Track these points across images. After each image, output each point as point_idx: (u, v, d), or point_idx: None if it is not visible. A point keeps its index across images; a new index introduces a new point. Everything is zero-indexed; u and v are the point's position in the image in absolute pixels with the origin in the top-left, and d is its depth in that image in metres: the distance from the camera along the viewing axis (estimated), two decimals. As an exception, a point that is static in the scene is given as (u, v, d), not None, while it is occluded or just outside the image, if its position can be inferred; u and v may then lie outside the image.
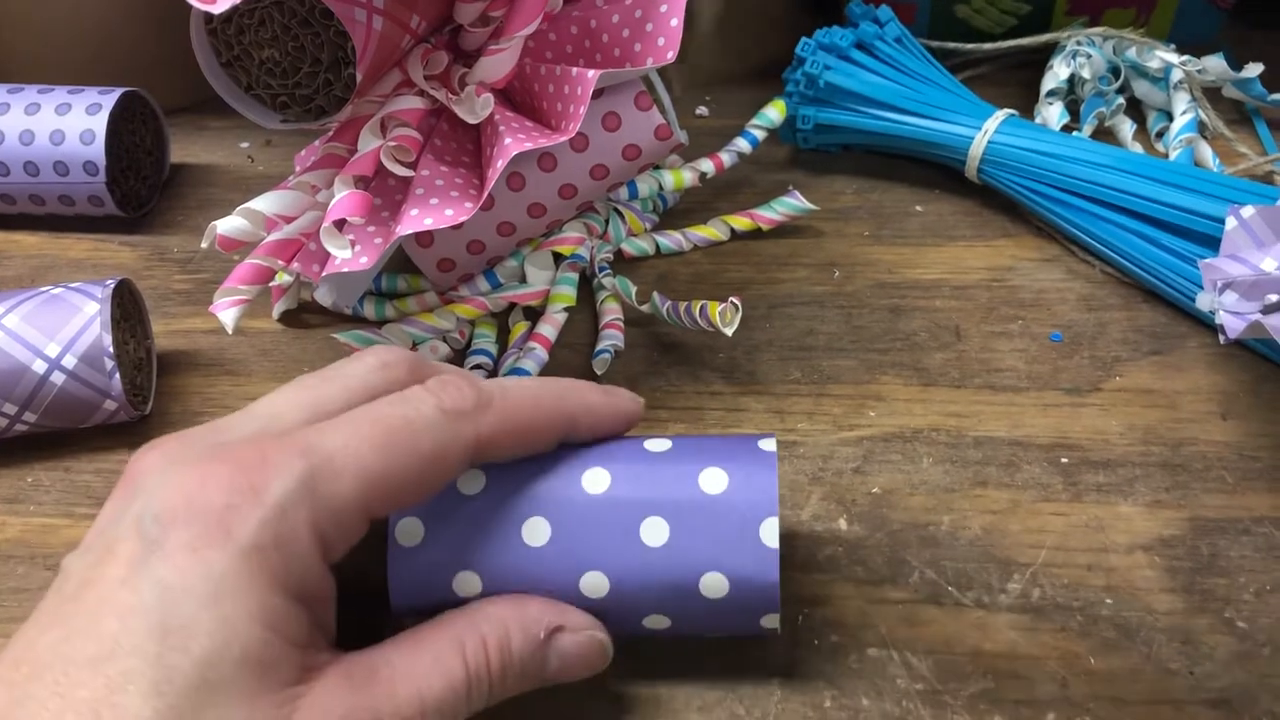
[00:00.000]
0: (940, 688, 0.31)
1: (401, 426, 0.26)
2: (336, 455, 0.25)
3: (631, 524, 0.28)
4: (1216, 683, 0.31)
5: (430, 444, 0.26)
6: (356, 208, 0.35)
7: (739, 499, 0.28)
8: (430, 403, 0.26)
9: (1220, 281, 0.35)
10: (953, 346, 0.41)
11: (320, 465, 0.24)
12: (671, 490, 0.28)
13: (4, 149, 0.45)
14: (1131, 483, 0.36)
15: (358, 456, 0.25)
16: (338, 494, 0.24)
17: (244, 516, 0.23)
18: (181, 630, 0.22)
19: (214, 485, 0.24)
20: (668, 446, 0.29)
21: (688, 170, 0.45)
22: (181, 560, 0.23)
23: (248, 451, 0.24)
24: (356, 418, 0.26)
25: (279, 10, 0.35)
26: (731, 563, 0.28)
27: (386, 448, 0.25)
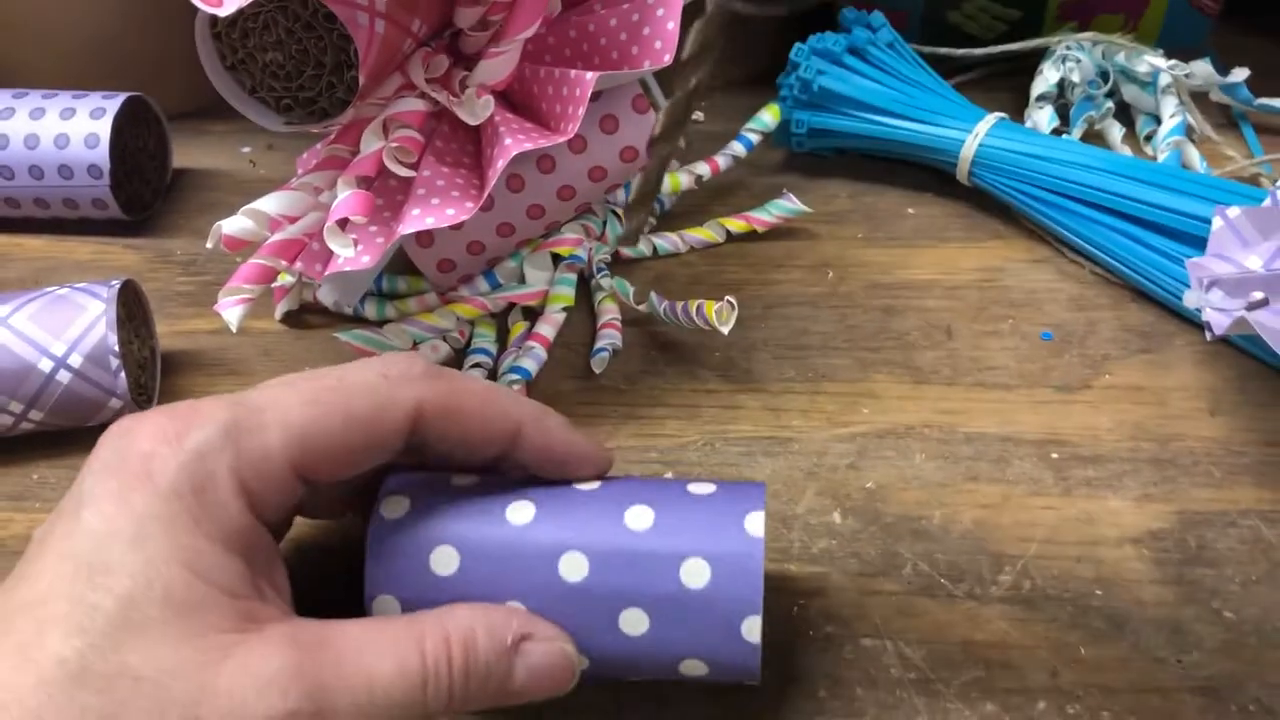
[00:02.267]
0: (933, 677, 0.31)
1: (334, 385, 0.26)
2: (265, 408, 0.25)
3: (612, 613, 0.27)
4: (1204, 671, 0.31)
5: (365, 405, 0.26)
6: (359, 207, 0.35)
7: (722, 596, 0.27)
8: (373, 367, 0.27)
9: (1206, 280, 0.36)
10: (945, 345, 0.41)
11: (245, 416, 0.25)
12: (652, 584, 0.27)
13: (9, 153, 0.45)
14: (1121, 477, 0.36)
15: (285, 410, 0.25)
16: (261, 444, 0.25)
17: (164, 461, 0.24)
18: (106, 571, 0.22)
19: (142, 434, 0.24)
20: (650, 524, 0.27)
21: (684, 173, 0.46)
22: (108, 506, 0.23)
23: (182, 406, 0.25)
24: (295, 378, 0.26)
25: (283, 14, 0.35)
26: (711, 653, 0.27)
27: (316, 404, 0.25)
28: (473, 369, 0.40)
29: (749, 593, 0.27)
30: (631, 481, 0.29)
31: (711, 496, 0.28)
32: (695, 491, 0.28)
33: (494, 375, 0.40)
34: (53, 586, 0.22)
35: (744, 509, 0.28)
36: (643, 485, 0.29)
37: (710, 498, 0.28)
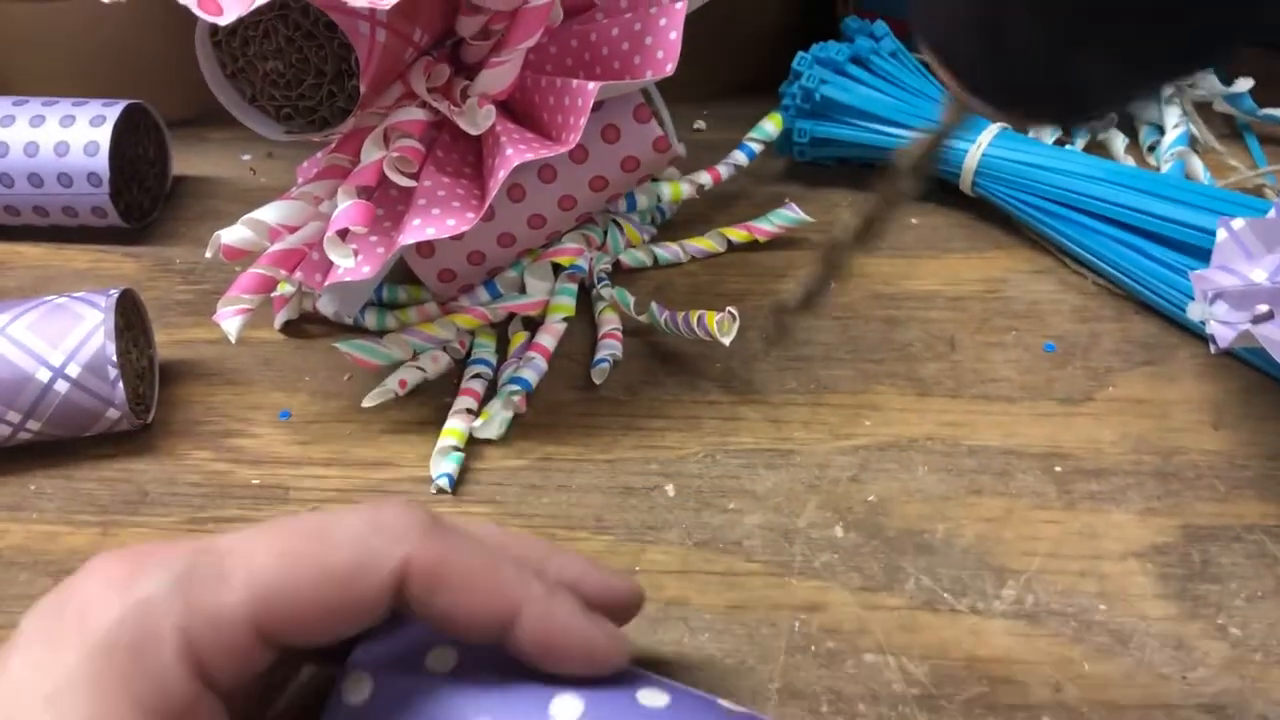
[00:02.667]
0: (936, 693, 0.31)
1: (313, 534, 0.22)
2: (227, 557, 0.21)
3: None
4: (1209, 688, 0.31)
5: (344, 561, 0.22)
6: (360, 217, 0.35)
7: None
8: (363, 516, 0.23)
9: (1211, 292, 0.35)
10: (947, 357, 0.41)
11: (204, 565, 0.21)
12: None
13: (8, 160, 0.45)
14: (1124, 491, 0.36)
15: (251, 561, 0.21)
16: (219, 601, 0.21)
17: (103, 610, 0.20)
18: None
19: (93, 577, 0.21)
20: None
21: (685, 182, 0.46)
22: (33, 654, 0.20)
23: (147, 546, 0.22)
24: (273, 524, 0.22)
25: (283, 23, 0.35)
26: None
27: (289, 555, 0.21)
28: (473, 379, 0.40)
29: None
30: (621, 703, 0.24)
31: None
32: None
33: (494, 385, 0.40)
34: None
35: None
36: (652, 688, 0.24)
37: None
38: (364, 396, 0.39)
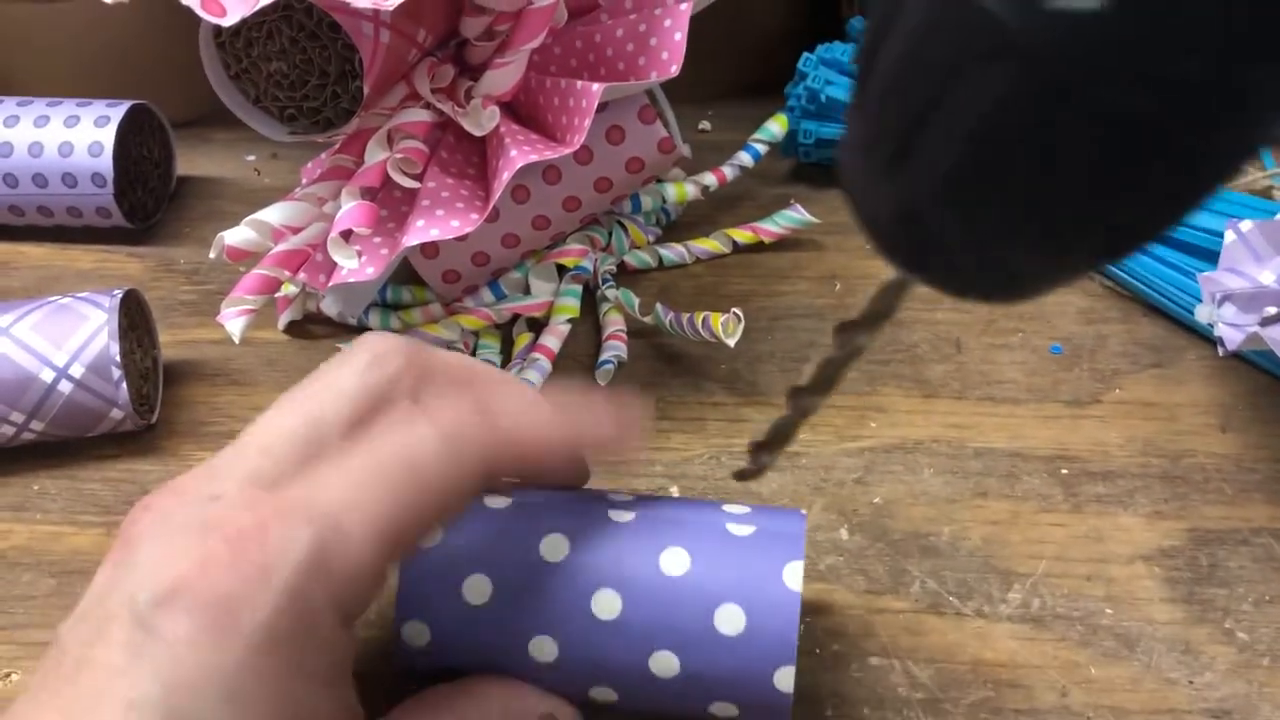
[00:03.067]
0: (941, 696, 0.31)
1: (405, 469, 0.23)
2: (344, 518, 0.22)
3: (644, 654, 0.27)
4: (1216, 693, 0.31)
5: (439, 480, 0.24)
6: (363, 219, 0.35)
7: (756, 645, 0.27)
8: (432, 433, 0.24)
9: (1219, 294, 0.35)
10: (953, 358, 0.41)
11: (328, 533, 0.22)
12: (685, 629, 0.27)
13: (13, 161, 0.45)
14: (1131, 494, 0.36)
15: (366, 514, 0.23)
16: (352, 561, 0.22)
17: (255, 604, 0.21)
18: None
19: (215, 567, 0.21)
20: (686, 569, 0.27)
21: (690, 183, 0.46)
22: (185, 653, 0.20)
23: (242, 517, 0.22)
24: (355, 466, 0.23)
25: (287, 24, 0.35)
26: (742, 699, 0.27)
27: (395, 496, 0.23)
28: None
29: (784, 645, 0.26)
30: (667, 512, 0.29)
31: (750, 539, 0.28)
32: (734, 531, 0.28)
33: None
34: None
35: (783, 558, 0.27)
36: (679, 521, 0.28)
37: (749, 540, 0.28)
38: (368, 398, 0.39)
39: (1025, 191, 0.15)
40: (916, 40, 0.15)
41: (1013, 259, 0.17)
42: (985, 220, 0.16)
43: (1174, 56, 0.13)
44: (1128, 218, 0.16)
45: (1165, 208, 0.16)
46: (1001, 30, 0.14)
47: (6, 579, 0.35)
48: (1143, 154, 0.14)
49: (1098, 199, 0.15)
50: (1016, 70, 0.14)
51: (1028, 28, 0.13)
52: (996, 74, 0.14)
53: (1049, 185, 0.15)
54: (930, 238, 0.17)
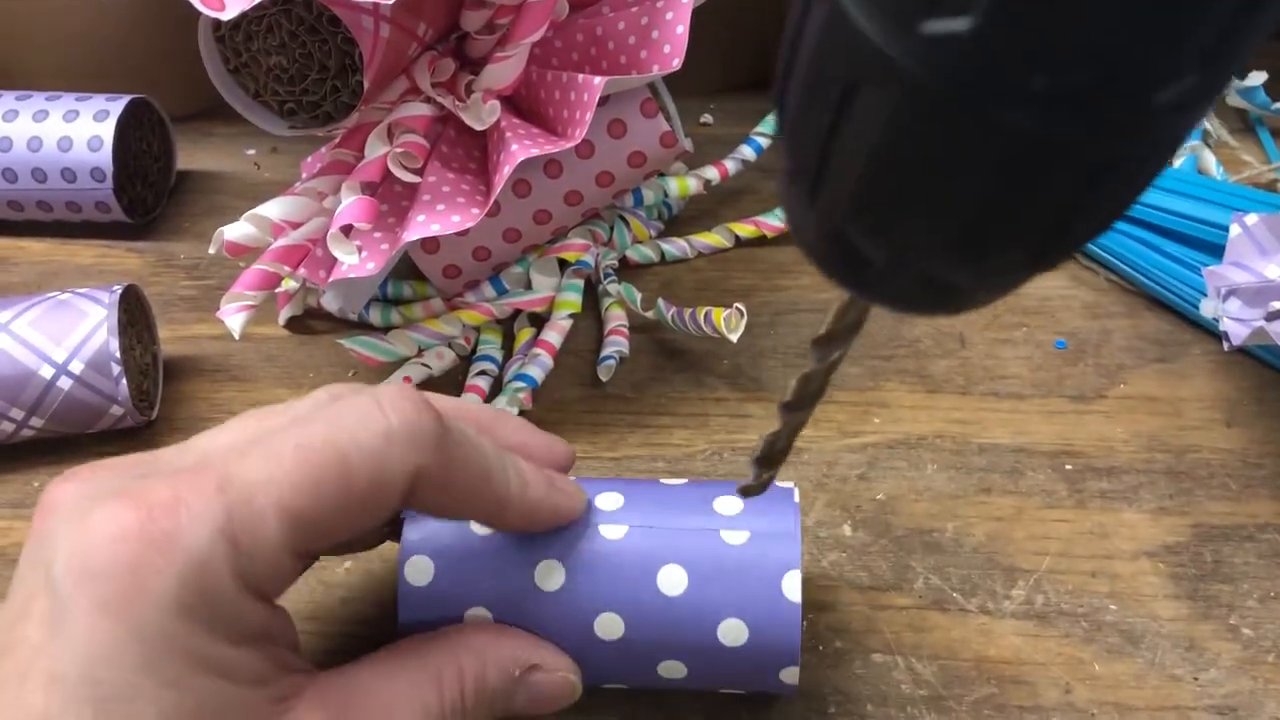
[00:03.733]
0: (944, 693, 0.31)
1: (333, 458, 0.23)
2: (257, 493, 0.22)
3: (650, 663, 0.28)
4: (1221, 689, 0.31)
5: (366, 477, 0.23)
6: (363, 214, 0.35)
7: (759, 653, 0.27)
8: (376, 423, 0.23)
9: (1224, 289, 0.35)
10: (957, 353, 0.41)
11: (238, 506, 0.22)
12: (688, 644, 0.27)
13: (12, 155, 0.45)
14: (1136, 489, 0.36)
15: (280, 494, 0.22)
16: (260, 538, 0.22)
17: (160, 571, 0.21)
18: (119, 699, 0.20)
19: (123, 535, 0.21)
20: (684, 589, 0.27)
21: (692, 177, 0.45)
22: (100, 622, 0.20)
23: (160, 491, 0.22)
24: (282, 440, 0.23)
25: (287, 17, 0.35)
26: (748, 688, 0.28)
27: (314, 483, 0.23)
28: (478, 375, 0.40)
29: (788, 652, 0.27)
30: (658, 520, 0.28)
31: (746, 547, 0.28)
32: (728, 540, 0.28)
33: (499, 382, 0.40)
34: (50, 716, 0.20)
35: (780, 567, 0.27)
36: (672, 533, 0.28)
37: (744, 549, 0.28)
38: (368, 393, 0.39)
39: (929, 209, 0.16)
40: (813, 68, 0.16)
41: (939, 274, 0.17)
42: (900, 239, 0.16)
43: (1046, 70, 0.13)
44: (1039, 228, 0.16)
45: (1080, 217, 0.16)
46: (882, 55, 0.14)
47: (6, 576, 0.35)
48: (1034, 166, 0.14)
49: (1001, 212, 0.15)
50: (900, 94, 0.14)
51: (906, 53, 0.14)
52: (884, 98, 0.14)
53: (950, 202, 0.15)
54: (859, 258, 0.17)
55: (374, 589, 0.34)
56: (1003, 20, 0.13)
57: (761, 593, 0.27)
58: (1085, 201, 0.15)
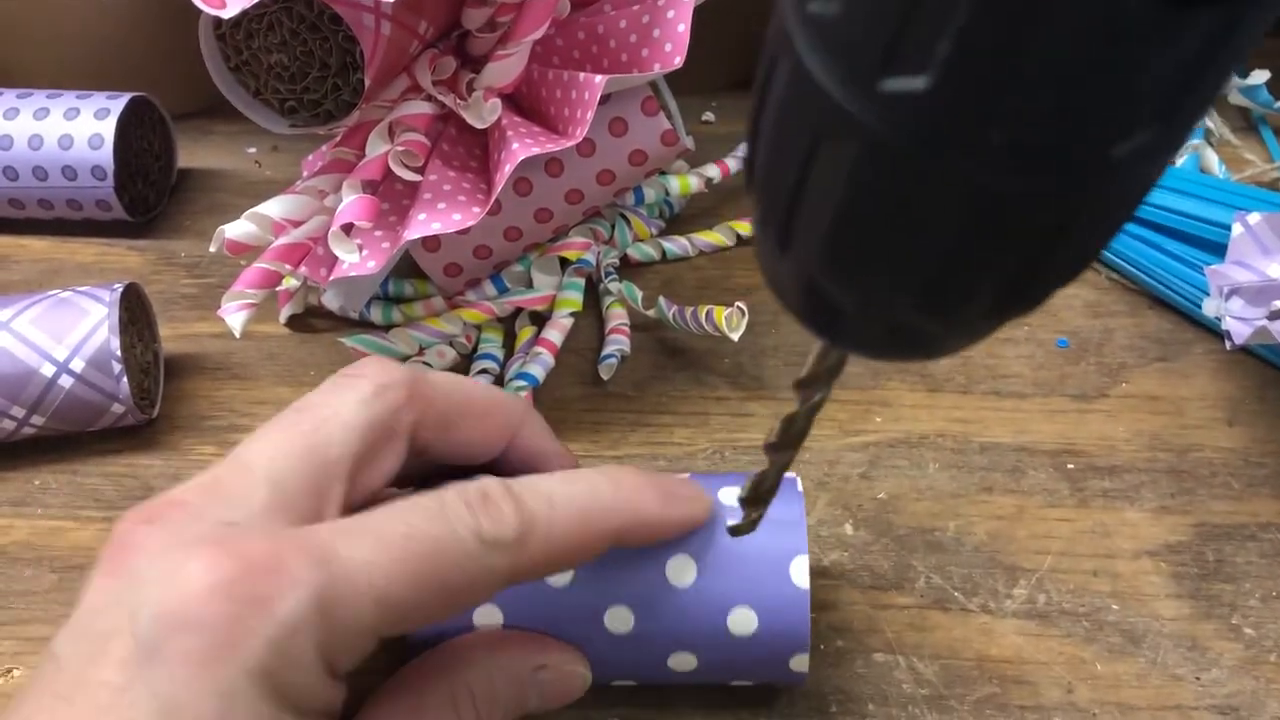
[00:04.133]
0: (946, 693, 0.31)
1: (432, 554, 0.23)
2: (357, 575, 0.22)
3: (661, 656, 0.28)
4: (1223, 689, 0.31)
5: (461, 578, 0.23)
6: (364, 212, 0.35)
7: (769, 641, 0.27)
8: (469, 527, 0.24)
9: (1226, 288, 0.35)
10: (959, 353, 0.41)
11: (338, 585, 0.22)
12: (698, 633, 0.28)
13: (13, 154, 0.45)
14: (1138, 489, 0.36)
15: (380, 582, 0.22)
16: (352, 619, 0.22)
17: (252, 632, 0.21)
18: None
19: (221, 591, 0.21)
20: (692, 579, 0.27)
21: (694, 176, 0.45)
22: (183, 674, 0.20)
23: (260, 547, 0.22)
24: (385, 529, 0.23)
25: (287, 15, 0.35)
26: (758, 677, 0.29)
27: (414, 576, 0.23)
28: (479, 374, 0.40)
29: (798, 639, 0.27)
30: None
31: (752, 536, 0.28)
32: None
33: (500, 381, 0.40)
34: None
35: (788, 553, 0.27)
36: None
37: (751, 538, 0.28)
38: (369, 392, 0.39)
39: (894, 261, 0.16)
40: (778, 124, 0.16)
41: (908, 323, 0.17)
42: (868, 290, 0.17)
43: (1003, 127, 0.13)
44: (1004, 280, 0.16)
45: (1045, 267, 0.16)
46: (842, 112, 0.14)
47: (7, 574, 0.35)
48: (996, 220, 0.15)
49: (965, 265, 0.16)
50: (861, 149, 0.15)
51: (865, 110, 0.14)
52: (845, 153, 0.15)
53: (914, 255, 0.16)
54: (830, 308, 0.18)
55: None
56: (958, 79, 0.13)
57: (770, 580, 0.27)
58: (1049, 252, 0.16)
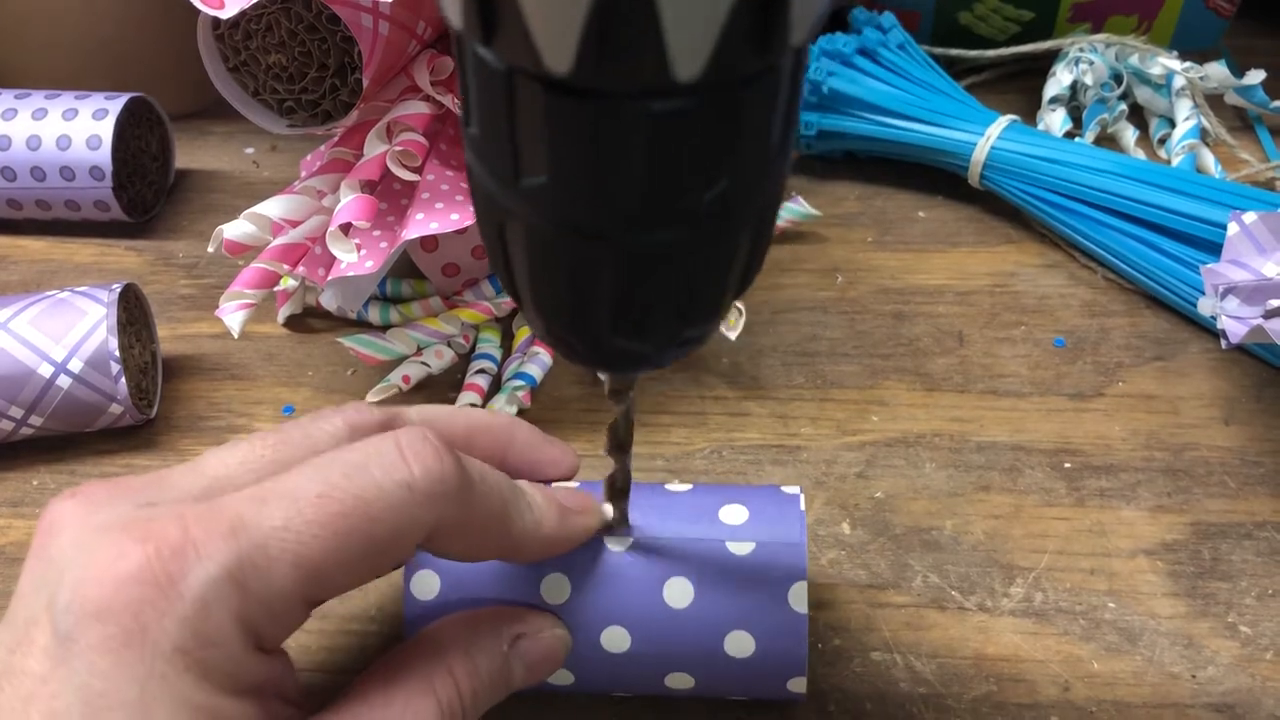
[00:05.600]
0: (943, 691, 0.31)
1: (355, 508, 0.22)
2: (271, 541, 0.22)
3: (657, 675, 0.28)
4: (1219, 687, 0.31)
5: (386, 530, 0.22)
6: (362, 212, 0.35)
7: (766, 664, 0.27)
8: (398, 472, 0.23)
9: (1222, 287, 0.35)
10: (956, 352, 0.41)
11: (250, 553, 0.21)
12: (695, 655, 0.28)
13: (11, 154, 0.45)
14: (1134, 487, 0.36)
15: (298, 543, 0.22)
16: (270, 587, 0.21)
17: (161, 613, 0.21)
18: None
19: (128, 575, 0.21)
20: (690, 600, 0.27)
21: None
22: (100, 662, 0.20)
23: (169, 527, 0.21)
24: (300, 490, 0.22)
25: (286, 16, 0.35)
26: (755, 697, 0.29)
27: (333, 534, 0.22)
28: (478, 374, 0.40)
29: (795, 663, 0.27)
30: (664, 530, 0.28)
31: (752, 557, 0.28)
32: (734, 550, 0.28)
33: (498, 380, 0.40)
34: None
35: (787, 579, 0.27)
36: (678, 544, 0.28)
37: (750, 559, 0.28)
38: (368, 391, 0.39)
39: (583, 308, 0.20)
40: (478, 206, 0.21)
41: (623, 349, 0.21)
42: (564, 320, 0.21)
43: (604, 205, 0.18)
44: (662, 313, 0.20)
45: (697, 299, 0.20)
46: (502, 204, 0.19)
47: (5, 574, 0.35)
48: (632, 271, 0.19)
49: (629, 306, 0.20)
50: (515, 225, 0.19)
51: (516, 201, 0.19)
52: (513, 228, 0.19)
53: (575, 297, 0.20)
54: (564, 344, 0.22)
55: (374, 587, 0.34)
56: (563, 179, 0.18)
57: (768, 604, 0.27)
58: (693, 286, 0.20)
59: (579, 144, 0.17)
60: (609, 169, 0.17)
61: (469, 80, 0.18)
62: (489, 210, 0.20)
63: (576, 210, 0.18)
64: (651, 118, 0.16)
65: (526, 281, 0.20)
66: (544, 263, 0.20)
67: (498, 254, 0.21)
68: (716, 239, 0.19)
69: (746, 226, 0.20)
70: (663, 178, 0.17)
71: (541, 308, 0.21)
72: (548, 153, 0.17)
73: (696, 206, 0.18)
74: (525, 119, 0.17)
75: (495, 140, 0.18)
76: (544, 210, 0.18)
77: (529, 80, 0.16)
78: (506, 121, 0.17)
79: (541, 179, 0.18)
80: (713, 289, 0.20)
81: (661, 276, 0.19)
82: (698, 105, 0.16)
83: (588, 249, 0.19)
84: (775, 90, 0.18)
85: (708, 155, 0.17)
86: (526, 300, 0.21)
